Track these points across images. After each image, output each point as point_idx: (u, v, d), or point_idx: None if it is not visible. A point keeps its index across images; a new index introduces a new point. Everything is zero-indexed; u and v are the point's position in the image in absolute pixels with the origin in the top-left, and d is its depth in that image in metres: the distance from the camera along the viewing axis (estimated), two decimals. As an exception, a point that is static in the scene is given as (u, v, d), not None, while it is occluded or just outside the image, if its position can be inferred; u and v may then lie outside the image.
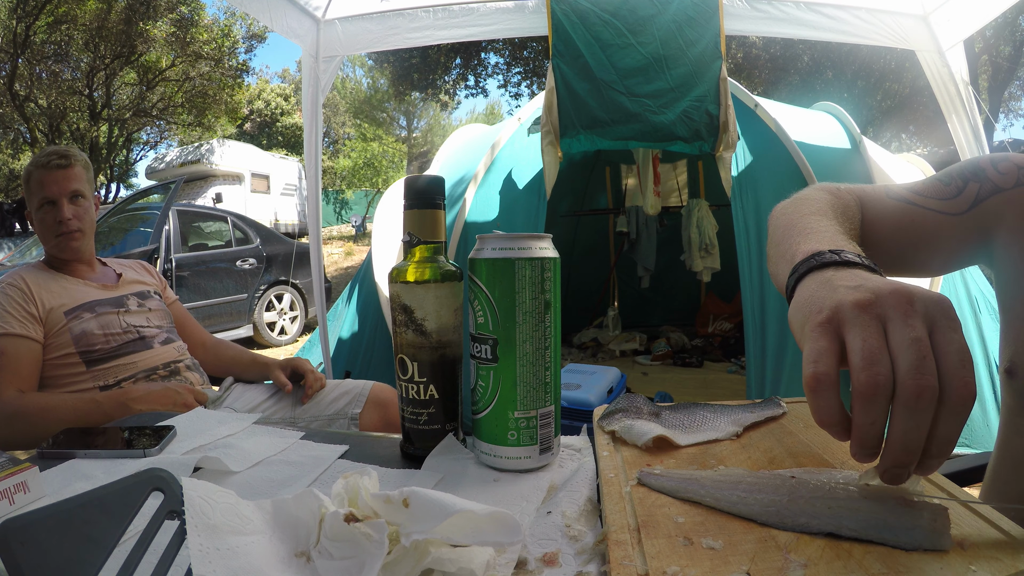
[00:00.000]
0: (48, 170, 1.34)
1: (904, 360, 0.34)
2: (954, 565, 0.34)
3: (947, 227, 0.66)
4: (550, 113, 2.43)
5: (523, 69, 10.94)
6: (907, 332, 0.34)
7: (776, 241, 0.61)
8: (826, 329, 0.37)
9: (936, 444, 0.35)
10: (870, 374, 0.34)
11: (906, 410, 0.34)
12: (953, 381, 0.33)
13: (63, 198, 1.35)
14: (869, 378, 0.34)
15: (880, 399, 0.34)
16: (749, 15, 2.50)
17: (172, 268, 4.59)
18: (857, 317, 0.36)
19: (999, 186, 0.64)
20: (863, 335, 0.35)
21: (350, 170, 20.45)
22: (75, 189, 1.37)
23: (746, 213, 2.56)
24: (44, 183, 1.34)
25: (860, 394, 0.34)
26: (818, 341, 0.37)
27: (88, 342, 1.30)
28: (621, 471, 0.51)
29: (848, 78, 9.94)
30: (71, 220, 1.35)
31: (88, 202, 1.41)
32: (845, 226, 0.60)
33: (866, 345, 0.35)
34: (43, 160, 1.35)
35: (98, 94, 13.41)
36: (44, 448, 0.69)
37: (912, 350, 0.34)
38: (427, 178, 0.62)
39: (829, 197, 0.66)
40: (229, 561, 0.35)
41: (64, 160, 1.36)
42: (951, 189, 0.66)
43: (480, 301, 0.55)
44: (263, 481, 0.60)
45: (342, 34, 2.73)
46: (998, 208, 0.64)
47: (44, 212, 1.35)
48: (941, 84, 2.60)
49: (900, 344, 0.34)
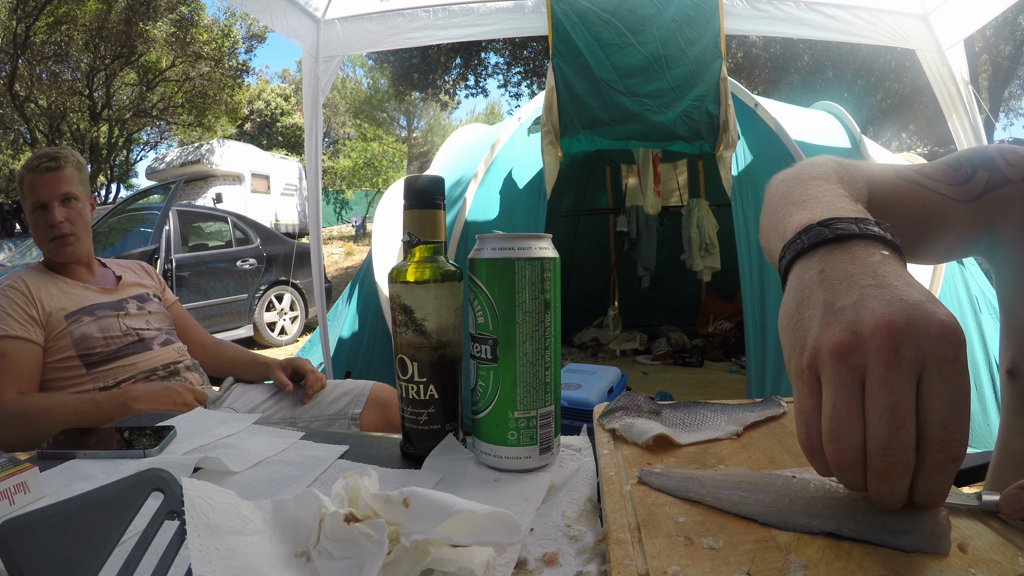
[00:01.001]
0: (38, 174, 1.33)
1: (874, 431, 0.31)
2: (954, 568, 0.34)
3: (955, 213, 0.63)
4: (550, 113, 2.43)
5: (523, 69, 10.94)
6: (883, 396, 0.31)
7: (769, 211, 0.55)
8: (809, 380, 0.35)
9: (921, 498, 0.33)
10: (835, 450, 0.33)
11: (876, 480, 0.32)
12: (931, 446, 0.31)
13: (54, 201, 1.33)
14: (834, 454, 0.33)
15: (851, 471, 0.33)
16: (749, 15, 2.50)
17: (172, 268, 4.59)
18: (833, 370, 0.33)
19: (1008, 177, 0.62)
20: (834, 399, 0.33)
21: (350, 170, 20.46)
22: (66, 192, 1.35)
23: (746, 212, 2.56)
24: (35, 187, 1.33)
25: (831, 463, 0.33)
26: (803, 399, 0.35)
27: (88, 345, 1.30)
28: (621, 469, 0.51)
29: (848, 78, 9.94)
30: (63, 223, 1.34)
31: (82, 203, 1.39)
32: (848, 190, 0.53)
33: (835, 413, 0.33)
34: (33, 164, 1.34)
35: (98, 94, 13.42)
36: (44, 448, 0.69)
37: (884, 420, 0.31)
38: (427, 178, 0.62)
39: (836, 166, 0.60)
40: (229, 561, 0.35)
41: (53, 163, 1.34)
42: (960, 175, 0.63)
43: (480, 301, 0.55)
44: (263, 481, 0.60)
45: (342, 34, 2.73)
46: (1006, 200, 0.62)
47: (37, 216, 1.34)
48: (941, 83, 2.60)
49: (873, 411, 0.32)
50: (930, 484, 0.32)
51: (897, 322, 0.32)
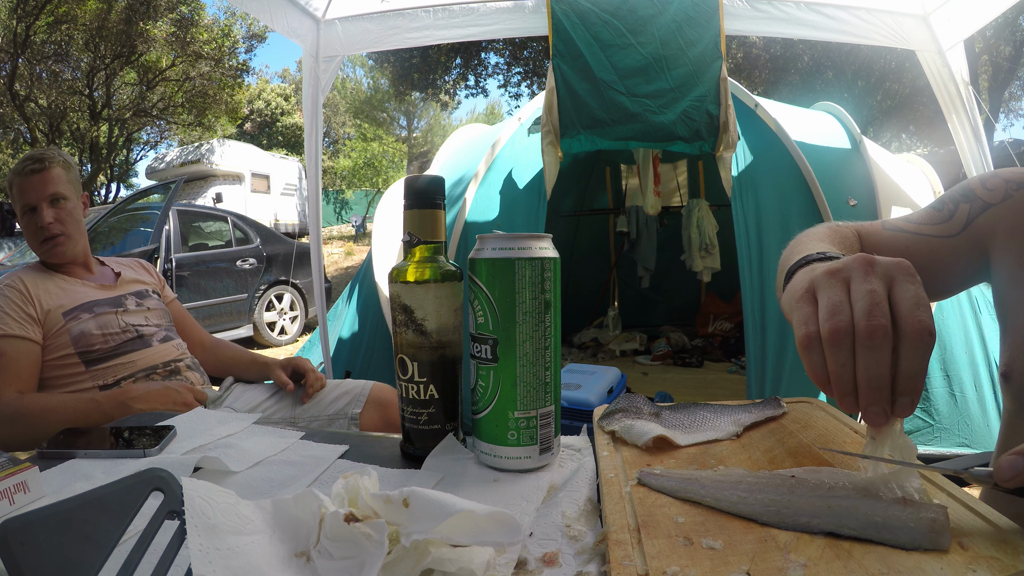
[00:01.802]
0: (24, 176, 1.32)
1: (859, 307, 0.39)
2: (954, 565, 0.34)
3: (943, 250, 0.68)
4: (550, 113, 2.43)
5: (523, 69, 10.94)
6: (864, 286, 0.40)
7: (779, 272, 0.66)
8: (807, 298, 0.43)
9: (902, 379, 0.38)
10: (832, 323, 0.40)
11: (864, 349, 0.38)
12: (908, 319, 0.38)
13: (42, 203, 1.32)
14: (831, 326, 0.40)
15: (844, 343, 0.39)
16: (749, 15, 2.50)
17: (172, 268, 4.59)
18: (826, 281, 0.43)
19: (988, 203, 0.67)
20: (828, 294, 0.41)
21: (350, 170, 20.45)
22: (53, 192, 1.33)
23: (746, 213, 2.56)
24: (23, 190, 1.32)
25: (826, 341, 0.40)
26: (803, 308, 0.43)
27: (87, 342, 1.30)
28: (621, 471, 0.51)
29: (848, 78, 9.94)
30: (52, 224, 1.33)
31: (72, 203, 1.37)
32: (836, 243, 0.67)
33: (830, 301, 0.41)
34: (19, 167, 1.33)
35: (98, 94, 13.41)
36: (44, 448, 0.69)
37: (866, 299, 0.39)
38: (427, 178, 0.62)
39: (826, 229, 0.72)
40: (229, 561, 0.35)
41: (39, 164, 1.33)
42: (943, 213, 0.70)
43: (480, 301, 0.55)
44: (263, 481, 0.60)
45: (342, 34, 2.73)
46: (989, 224, 0.66)
47: (28, 219, 1.34)
48: (941, 84, 2.60)
49: (857, 295, 0.40)
50: (911, 361, 0.38)
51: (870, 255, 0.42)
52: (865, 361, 0.38)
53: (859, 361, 0.39)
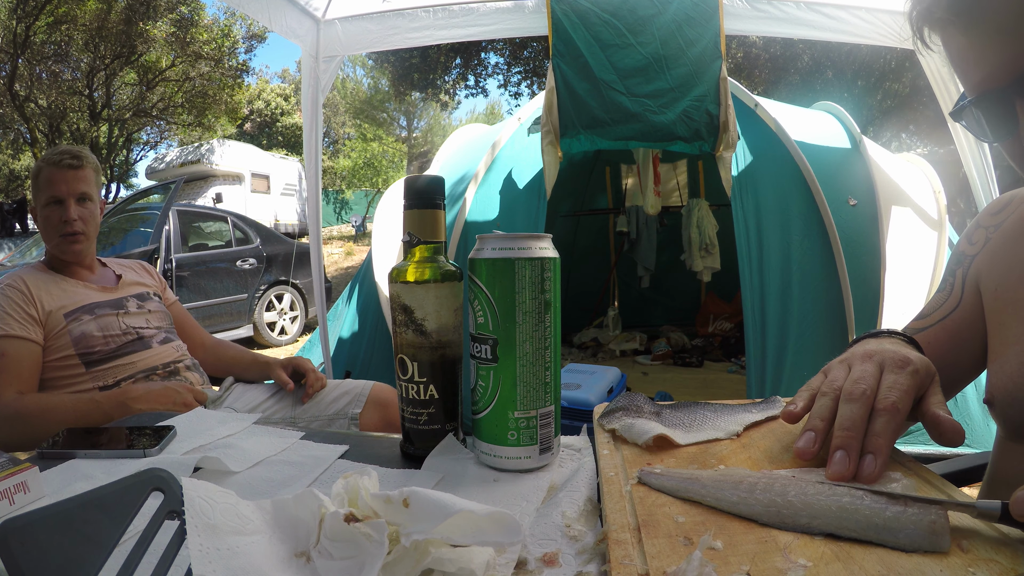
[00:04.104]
0: (59, 168, 1.34)
1: (849, 380, 0.50)
2: (953, 567, 0.34)
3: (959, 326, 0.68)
4: (550, 113, 2.43)
5: (523, 69, 10.93)
6: (859, 367, 0.51)
7: None
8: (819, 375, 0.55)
9: (869, 436, 0.45)
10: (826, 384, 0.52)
11: (844, 403, 0.48)
12: (881, 398, 0.47)
13: (71, 199, 1.35)
14: (825, 387, 0.51)
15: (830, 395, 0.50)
16: (749, 15, 2.50)
17: (172, 268, 4.59)
18: (836, 364, 0.55)
19: (973, 256, 0.69)
20: (833, 373, 0.53)
21: (350, 170, 20.46)
22: (83, 191, 1.37)
23: (746, 213, 2.55)
24: (53, 181, 1.34)
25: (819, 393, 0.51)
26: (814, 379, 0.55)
27: (87, 344, 1.30)
28: (621, 470, 0.51)
29: (848, 78, 9.93)
30: (76, 221, 1.35)
31: (95, 205, 1.41)
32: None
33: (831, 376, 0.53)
34: (55, 158, 1.35)
35: (98, 94, 13.41)
36: (44, 448, 0.69)
37: (857, 374, 0.50)
38: (427, 178, 0.62)
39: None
40: (229, 561, 0.35)
41: (76, 161, 1.36)
42: (946, 291, 0.72)
43: (480, 301, 0.55)
44: (263, 481, 0.60)
45: (342, 34, 2.73)
46: (976, 272, 0.68)
47: (50, 210, 1.35)
48: (941, 84, 2.59)
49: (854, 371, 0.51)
50: (877, 423, 0.46)
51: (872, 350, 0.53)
52: (842, 411, 0.47)
53: (838, 412, 0.47)
